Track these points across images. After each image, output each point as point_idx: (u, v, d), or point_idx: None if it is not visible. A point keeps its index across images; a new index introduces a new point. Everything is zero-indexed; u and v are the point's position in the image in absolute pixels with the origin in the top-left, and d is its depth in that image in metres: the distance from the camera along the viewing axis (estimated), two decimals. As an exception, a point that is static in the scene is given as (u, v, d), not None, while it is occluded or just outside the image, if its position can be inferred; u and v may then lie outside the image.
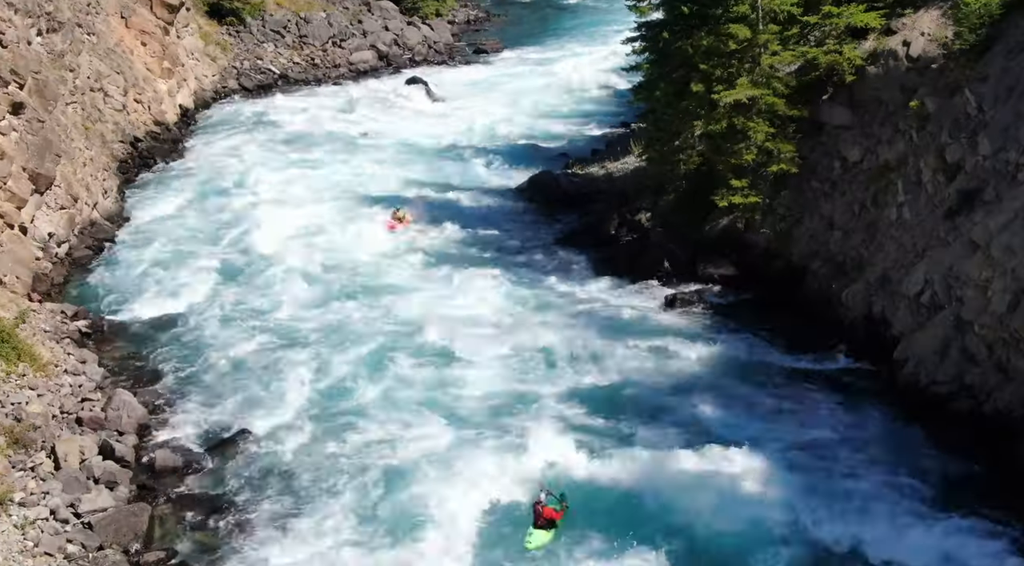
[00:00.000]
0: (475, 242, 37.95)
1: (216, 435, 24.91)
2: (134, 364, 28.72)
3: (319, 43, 70.94)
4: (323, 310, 31.96)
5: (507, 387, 27.26)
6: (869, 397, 25.50)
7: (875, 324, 26.72)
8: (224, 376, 27.81)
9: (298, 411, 25.81)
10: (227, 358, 28.67)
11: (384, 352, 28.84)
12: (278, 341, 29.86)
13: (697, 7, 33.58)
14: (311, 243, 37.45)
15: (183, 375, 27.96)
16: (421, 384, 27.12)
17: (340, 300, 32.41)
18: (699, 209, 34.26)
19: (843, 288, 28.11)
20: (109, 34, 49.82)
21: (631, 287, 33.12)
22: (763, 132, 30.57)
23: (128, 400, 24.93)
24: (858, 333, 27.21)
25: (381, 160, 48.48)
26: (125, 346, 29.86)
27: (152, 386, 27.31)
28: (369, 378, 27.38)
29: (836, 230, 29.76)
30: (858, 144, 29.83)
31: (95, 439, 23.36)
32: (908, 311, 25.48)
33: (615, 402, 26.29)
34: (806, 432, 24.59)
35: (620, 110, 58.39)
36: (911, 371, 24.50)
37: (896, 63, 29.18)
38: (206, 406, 26.21)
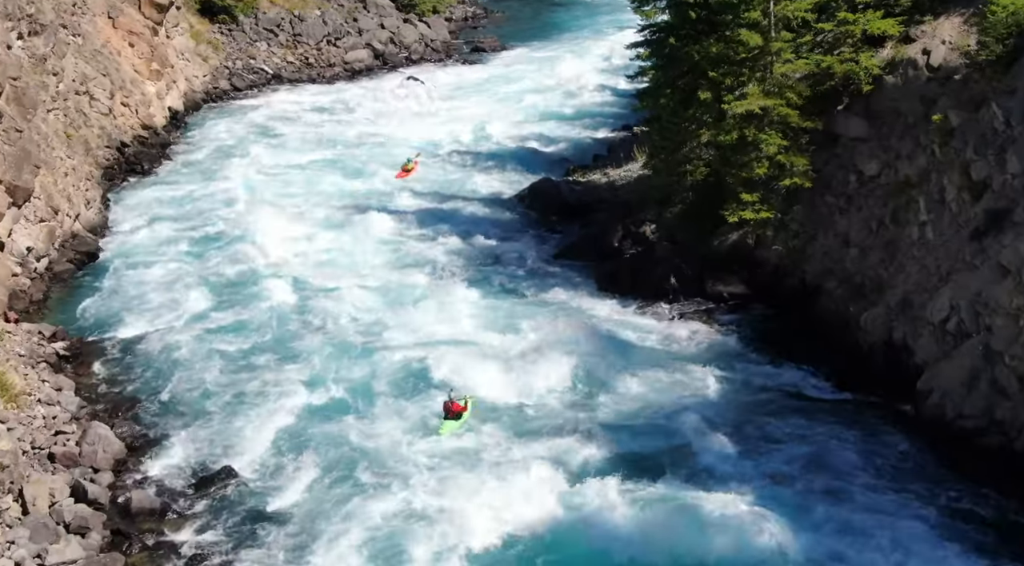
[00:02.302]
0: (473, 255, 36.48)
1: (198, 471, 23.47)
2: (113, 390, 27.25)
3: (313, 42, 69.39)
4: (314, 330, 30.53)
5: (505, 416, 25.87)
6: (891, 429, 24.12)
7: (896, 351, 25.30)
8: (208, 403, 26.37)
9: (286, 445, 24.37)
10: (212, 383, 27.27)
11: (378, 377, 27.44)
12: (266, 364, 28.46)
13: (705, 12, 32.15)
14: (303, 255, 36.06)
15: (165, 402, 26.51)
16: (416, 414, 25.67)
17: (332, 319, 30.92)
18: (707, 222, 32.83)
19: (861, 311, 26.67)
20: (95, 35, 48.27)
21: (636, 305, 31.69)
22: (775, 144, 29.12)
23: (104, 434, 23.47)
24: (878, 359, 25.78)
25: (376, 164, 46.98)
26: (105, 370, 28.38)
27: (132, 415, 25.88)
28: (361, 407, 25.97)
29: (852, 248, 28.31)
30: (875, 157, 28.39)
31: (67, 479, 21.90)
32: (932, 338, 24.04)
33: (618, 433, 24.88)
34: (825, 467, 23.18)
35: (622, 112, 56.93)
36: (936, 403, 23.09)
37: (915, 73, 27.73)
38: (188, 438, 24.74)
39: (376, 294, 33.10)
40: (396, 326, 30.60)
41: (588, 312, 31.51)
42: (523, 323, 30.80)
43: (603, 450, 24.12)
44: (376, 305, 32.12)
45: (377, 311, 31.62)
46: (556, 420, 25.72)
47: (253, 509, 22.03)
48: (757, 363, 27.65)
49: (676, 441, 24.46)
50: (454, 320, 31.13)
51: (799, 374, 26.86)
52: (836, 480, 22.65)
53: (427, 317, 31.27)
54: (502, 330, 30.45)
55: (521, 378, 27.34)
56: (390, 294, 32.99)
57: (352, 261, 35.74)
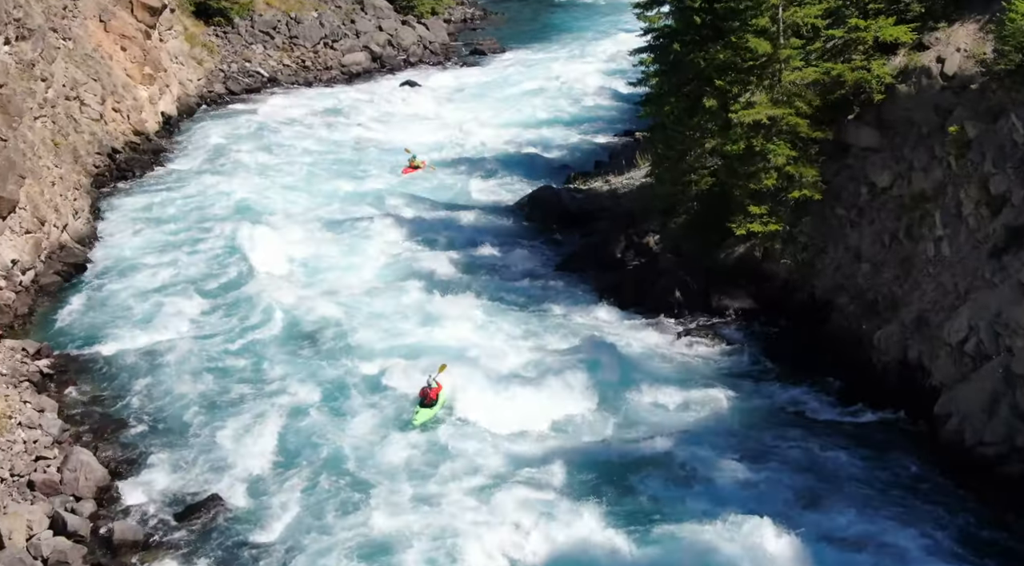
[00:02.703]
0: (471, 264, 35.51)
1: (183, 498, 22.46)
2: (98, 410, 26.25)
3: (310, 44, 68.41)
4: (307, 344, 29.59)
5: (502, 434, 24.93)
6: (905, 454, 23.08)
7: (911, 371, 24.33)
8: (196, 423, 25.39)
9: (276, 468, 23.41)
10: (201, 401, 26.33)
11: (373, 394, 26.52)
12: (257, 380, 27.50)
13: (711, 17, 31.19)
14: (297, 265, 35.10)
15: (151, 422, 25.52)
16: (414, 436, 24.70)
17: (326, 333, 29.97)
18: (712, 233, 31.88)
19: (875, 329, 25.69)
20: (86, 39, 47.31)
21: (639, 319, 30.73)
22: (784, 155, 28.14)
23: (86, 460, 22.48)
24: (891, 379, 24.82)
25: (372, 170, 46.04)
26: (90, 388, 27.38)
27: (116, 437, 24.87)
28: (354, 426, 25.02)
29: (864, 262, 27.35)
30: (888, 168, 27.42)
31: (46, 509, 20.90)
32: (950, 360, 23.06)
33: (620, 455, 23.86)
34: (836, 492, 22.16)
35: (623, 117, 56.06)
36: (955, 428, 22.12)
37: (929, 82, 26.78)
38: (174, 462, 23.77)
39: (372, 306, 32.13)
40: (392, 340, 29.64)
41: (589, 326, 30.54)
42: (523, 337, 29.89)
43: (603, 472, 23.12)
44: (371, 318, 31.14)
45: (373, 324, 30.62)
46: (554, 438, 24.82)
47: (239, 541, 21.00)
48: (765, 381, 26.68)
49: (680, 463, 23.41)
50: (452, 333, 30.14)
51: (810, 393, 25.88)
52: (849, 505, 21.64)
53: (424, 331, 30.32)
54: (501, 344, 29.49)
55: (519, 394, 26.34)
56: (386, 306, 32.01)
57: (347, 272, 34.77)
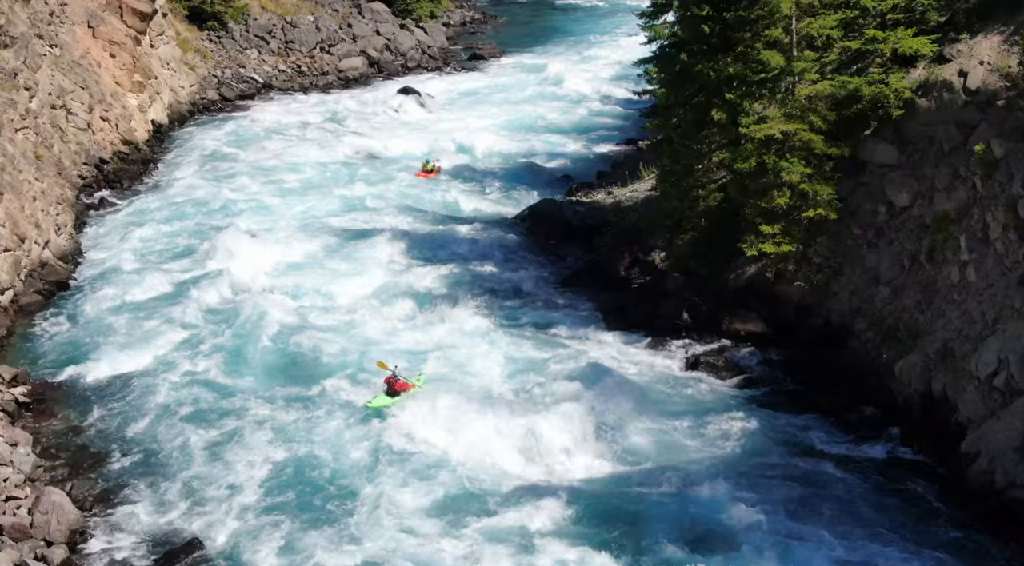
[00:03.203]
0: (470, 284, 34.12)
1: (162, 542, 21.03)
2: (76, 443, 24.85)
3: (306, 49, 67.26)
4: (297, 372, 28.18)
5: (500, 463, 23.67)
6: (929, 495, 21.72)
7: (935, 404, 22.98)
8: (178, 458, 23.97)
9: (261, 510, 21.99)
10: (184, 433, 24.89)
11: (364, 430, 25.10)
12: (245, 410, 26.07)
13: (720, 27, 29.85)
14: (289, 284, 33.64)
15: (131, 458, 24.08)
16: (407, 473, 23.32)
17: (316, 360, 28.58)
18: (721, 251, 30.57)
19: (895, 358, 24.33)
20: (74, 45, 45.97)
21: (646, 342, 29.40)
22: (798, 172, 26.80)
23: (59, 501, 21.08)
24: (914, 413, 23.47)
25: (367, 183, 44.66)
26: (68, 418, 25.99)
27: (94, 473, 23.45)
28: (345, 469, 23.58)
29: (882, 286, 26.01)
30: (907, 187, 26.08)
31: (14, 556, 19.52)
32: (978, 394, 21.69)
33: (622, 494, 22.46)
34: (854, 534, 20.82)
35: (625, 124, 54.91)
36: (984, 469, 20.75)
37: (951, 96, 25.46)
38: (154, 501, 22.36)
39: (364, 326, 30.84)
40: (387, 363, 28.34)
41: (593, 349, 29.20)
42: (521, 360, 28.58)
43: (600, 512, 21.76)
44: (363, 339, 29.83)
45: (365, 345, 29.27)
46: (550, 471, 23.48)
47: (221, 592, 19.75)
48: (779, 412, 25.29)
49: (686, 503, 22.02)
50: (447, 356, 28.89)
51: (825, 426, 24.49)
52: (867, 549, 20.36)
53: (417, 353, 28.99)
54: (498, 368, 28.20)
55: (515, 422, 24.99)
56: (379, 327, 30.72)
57: (339, 288, 33.35)
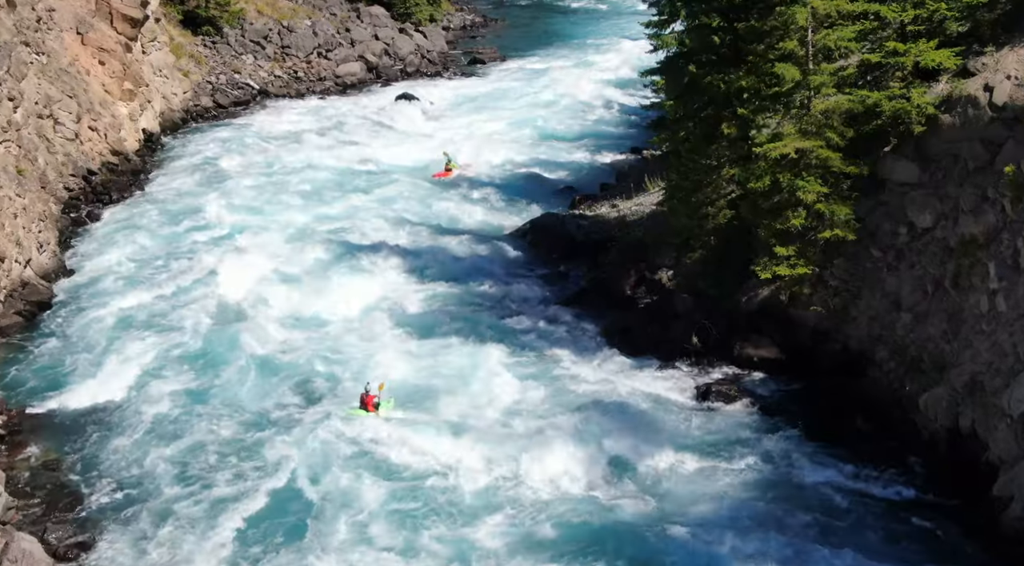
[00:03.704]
0: (468, 303, 32.84)
1: (140, 594, 19.81)
2: (50, 480, 23.49)
3: (303, 54, 65.90)
4: (287, 399, 26.94)
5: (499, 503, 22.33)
6: (957, 542, 20.34)
7: (964, 441, 21.63)
8: (160, 496, 22.62)
9: (245, 558, 20.65)
10: (168, 469, 23.59)
11: (352, 460, 23.82)
12: (232, 442, 24.78)
13: (731, 37, 28.51)
14: (279, 306, 32.27)
15: (110, 497, 22.73)
16: (403, 514, 21.99)
17: (307, 385, 27.41)
18: (732, 271, 29.18)
19: (920, 390, 22.97)
20: (62, 53, 44.68)
21: (653, 367, 28.00)
22: (814, 192, 25.44)
23: (29, 549, 19.74)
24: (940, 449, 22.12)
25: (364, 195, 43.34)
26: (44, 452, 24.63)
27: (69, 514, 22.08)
28: (333, 500, 22.29)
29: (904, 312, 24.65)
30: (929, 207, 24.72)
31: (-22, 613, 18.30)
32: (1010, 433, 20.32)
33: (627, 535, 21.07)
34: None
35: (629, 132, 53.55)
36: (1018, 515, 19.40)
37: (976, 112, 24.07)
38: (132, 547, 20.93)
39: (357, 349, 29.52)
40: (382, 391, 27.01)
41: (597, 374, 27.85)
42: (520, 386, 27.22)
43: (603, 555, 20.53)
44: (359, 363, 28.49)
45: (358, 369, 27.98)
46: (549, 509, 22.08)
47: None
48: (796, 446, 23.90)
49: (698, 539, 20.77)
50: (445, 380, 27.58)
51: (846, 461, 23.03)
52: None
53: (413, 378, 27.77)
54: (498, 393, 26.87)
55: (512, 454, 23.81)
56: (373, 349, 29.37)
57: (332, 310, 32.00)
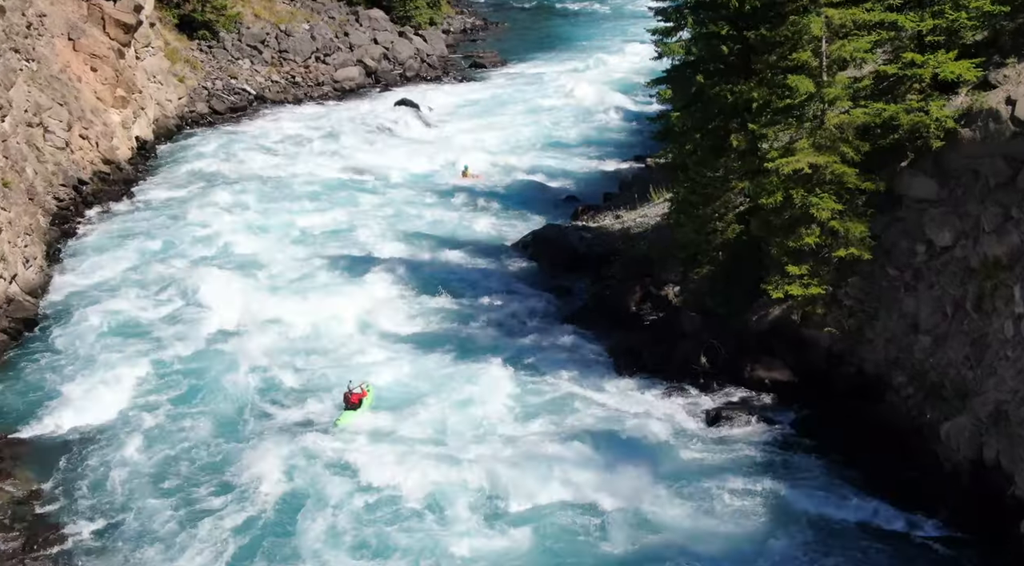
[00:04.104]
0: (466, 319, 31.83)
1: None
2: (32, 512, 22.40)
3: (301, 59, 64.96)
4: (278, 421, 25.95)
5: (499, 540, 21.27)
6: (986, 579, 19.42)
7: (988, 474, 20.57)
8: (143, 534, 21.46)
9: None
10: (153, 500, 22.58)
11: (344, 486, 22.83)
12: (220, 471, 23.74)
13: (741, 47, 27.53)
14: (272, 323, 31.23)
15: (92, 531, 21.64)
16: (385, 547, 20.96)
17: (298, 407, 26.49)
18: (741, 288, 28.20)
19: (941, 419, 21.93)
20: (53, 59, 43.69)
21: (659, 389, 26.99)
22: (829, 209, 24.43)
23: (5, 590, 18.83)
24: (962, 482, 21.07)
25: (362, 205, 42.38)
26: (26, 480, 23.60)
27: (49, 550, 21.00)
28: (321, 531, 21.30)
29: (923, 335, 23.62)
30: (949, 225, 23.69)
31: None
32: (1039, 468, 19.35)
33: None
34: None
35: (633, 139, 52.60)
36: (1048, 556, 18.41)
37: (998, 126, 23.11)
38: (114, 586, 20.07)
39: (352, 369, 28.41)
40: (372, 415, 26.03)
41: (602, 397, 26.84)
42: (524, 409, 26.43)
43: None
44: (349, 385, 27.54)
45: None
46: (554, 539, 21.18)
47: None
48: (809, 476, 22.83)
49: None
50: (442, 403, 26.56)
51: (863, 493, 21.91)
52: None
53: (407, 401, 26.82)
54: (498, 419, 25.98)
55: (514, 482, 22.81)
56: (367, 367, 28.36)
57: (327, 325, 31.04)
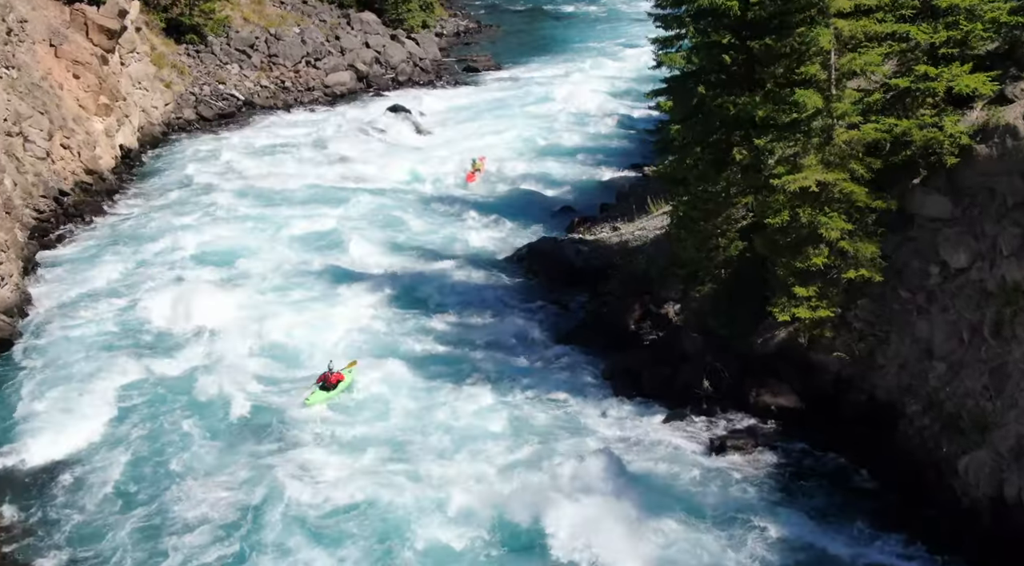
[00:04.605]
0: (457, 337, 30.73)
1: None
2: (3, 551, 21.36)
3: (291, 63, 63.74)
4: (255, 450, 24.82)
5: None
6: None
7: (1009, 511, 19.53)
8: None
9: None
10: (124, 541, 21.46)
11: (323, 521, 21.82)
12: (200, 506, 22.58)
13: (744, 57, 26.46)
14: (255, 344, 30.02)
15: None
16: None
17: (283, 440, 25.22)
18: (744, 308, 27.10)
19: (958, 452, 20.87)
20: (34, 66, 42.47)
21: (659, 414, 25.92)
22: (838, 229, 23.35)
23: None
24: (983, 521, 20.01)
25: (352, 215, 41.18)
26: None
27: (18, 592, 20.07)
28: None
29: (937, 361, 22.55)
30: (964, 246, 22.63)
31: None
32: (1065, 509, 18.31)
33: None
34: None
35: (630, 147, 51.49)
36: (1076, 603, 17.37)
37: (1016, 143, 22.00)
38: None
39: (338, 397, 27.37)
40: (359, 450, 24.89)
41: (600, 424, 25.77)
42: (517, 437, 25.31)
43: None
44: (341, 415, 26.40)
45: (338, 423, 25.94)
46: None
47: None
48: (819, 511, 21.72)
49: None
50: (430, 430, 25.63)
51: (874, 532, 20.82)
52: None
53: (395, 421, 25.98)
54: (489, 446, 24.91)
55: (506, 511, 21.91)
56: (356, 399, 27.23)
57: (313, 350, 29.65)
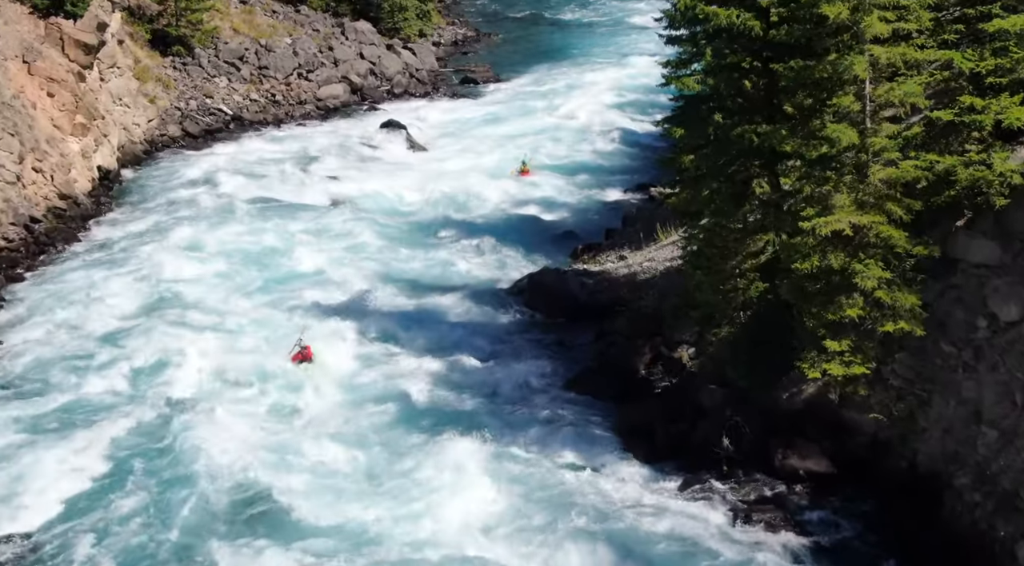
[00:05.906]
0: (449, 382, 28.36)
1: None
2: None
3: (282, 75, 61.38)
4: (239, 524, 22.44)
5: None
6: None
7: (1077, 610, 17.23)
8: None
9: None
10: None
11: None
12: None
13: (766, 81, 24.09)
14: (238, 392, 27.74)
15: None
16: None
17: (265, 508, 22.85)
18: (767, 356, 24.66)
19: (1016, 535, 18.51)
20: (5, 84, 40.12)
21: (675, 477, 23.50)
22: (874, 278, 20.95)
23: None
24: (1046, 618, 17.71)
25: (341, 240, 38.86)
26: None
27: None
28: None
29: (987, 426, 20.18)
30: (1015, 297, 20.29)
31: None
32: None
33: None
34: None
35: (635, 165, 49.16)
36: None
37: (1075, 182, 19.73)
38: None
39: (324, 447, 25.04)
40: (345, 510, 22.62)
41: (605, 485, 23.37)
42: (508, 499, 22.93)
43: None
44: (326, 476, 24.06)
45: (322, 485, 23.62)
46: None
47: None
48: (857, 596, 19.52)
49: None
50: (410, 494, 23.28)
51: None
52: None
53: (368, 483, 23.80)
54: (483, 514, 22.57)
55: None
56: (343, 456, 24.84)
57: (295, 394, 27.52)
